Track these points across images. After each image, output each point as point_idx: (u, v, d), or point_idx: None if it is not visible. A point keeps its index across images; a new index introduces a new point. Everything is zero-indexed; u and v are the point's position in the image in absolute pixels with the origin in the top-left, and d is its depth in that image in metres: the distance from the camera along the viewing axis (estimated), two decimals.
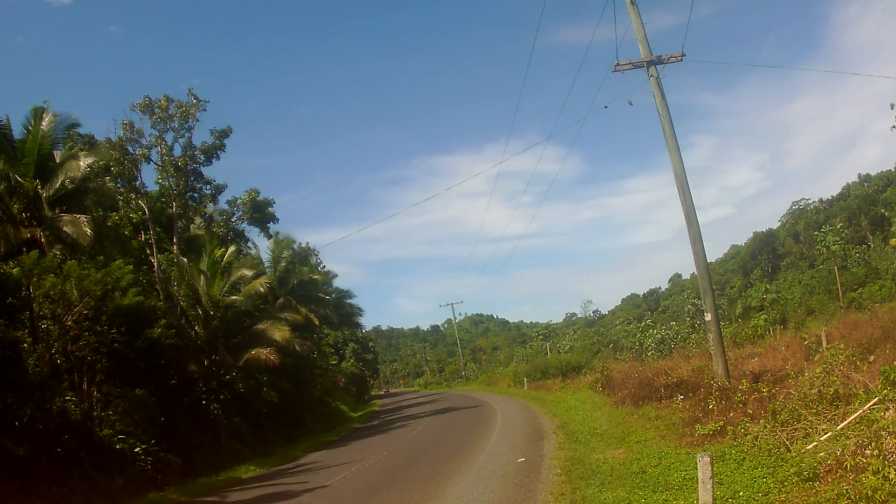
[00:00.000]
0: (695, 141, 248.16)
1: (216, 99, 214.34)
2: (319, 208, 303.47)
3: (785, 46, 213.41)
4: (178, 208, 32.25)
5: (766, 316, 39.20)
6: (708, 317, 17.28)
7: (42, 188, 20.78)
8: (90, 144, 29.99)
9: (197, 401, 25.05)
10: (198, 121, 31.91)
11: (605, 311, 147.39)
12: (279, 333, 27.83)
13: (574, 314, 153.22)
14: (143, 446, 18.53)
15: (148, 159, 31.07)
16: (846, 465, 7.58)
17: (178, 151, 32.55)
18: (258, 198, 38.83)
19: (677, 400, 17.18)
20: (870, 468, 7.04)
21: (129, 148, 29.91)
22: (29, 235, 20.08)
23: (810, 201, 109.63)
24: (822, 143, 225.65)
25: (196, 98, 31.64)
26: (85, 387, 19.06)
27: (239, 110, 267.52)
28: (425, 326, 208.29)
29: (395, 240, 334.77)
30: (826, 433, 9.31)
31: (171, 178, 32.19)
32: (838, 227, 66.19)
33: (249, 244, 40.85)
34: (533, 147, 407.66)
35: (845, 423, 9.35)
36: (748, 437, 10.82)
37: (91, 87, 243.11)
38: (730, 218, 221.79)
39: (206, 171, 34.92)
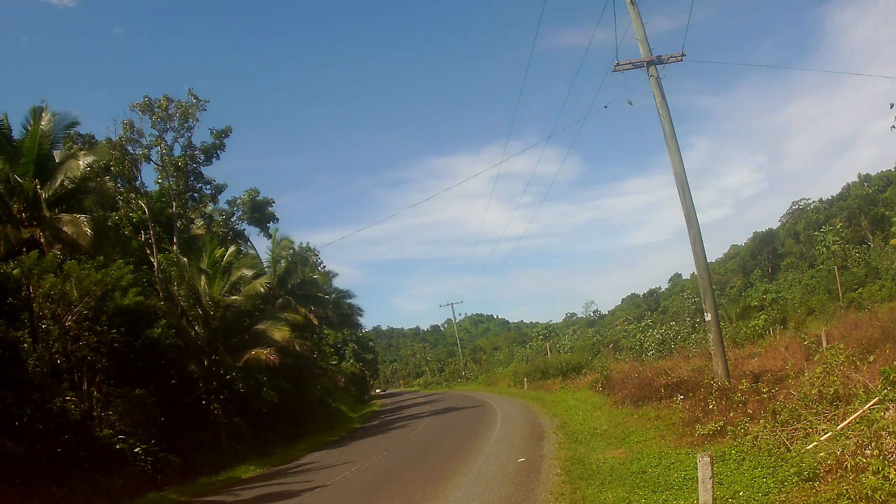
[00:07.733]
0: (692, 142, 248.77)
1: (216, 99, 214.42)
2: (319, 209, 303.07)
3: (781, 49, 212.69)
4: (178, 208, 32.22)
5: (766, 316, 39.04)
6: (708, 317, 17.28)
7: (41, 188, 20.77)
8: (90, 144, 29.96)
9: (197, 401, 25.06)
10: (198, 121, 31.91)
11: (605, 311, 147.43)
12: (279, 333, 27.82)
13: (574, 314, 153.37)
14: (143, 446, 18.53)
15: (148, 159, 31.06)
16: (846, 465, 7.58)
17: (177, 151, 32.58)
18: (258, 198, 38.85)
19: (677, 400, 17.17)
20: (870, 468, 7.04)
21: (129, 148, 29.88)
22: (29, 235, 20.08)
23: (810, 201, 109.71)
24: (818, 145, 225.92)
25: (196, 98, 31.63)
26: (85, 387, 19.06)
27: (239, 111, 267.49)
28: (425, 326, 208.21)
29: (395, 240, 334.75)
30: (826, 433, 9.30)
31: (171, 178, 32.18)
32: (838, 227, 66.10)
33: (249, 244, 40.90)
34: (532, 148, 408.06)
35: (845, 423, 9.35)
36: (748, 437, 10.82)
37: (93, 88, 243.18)
38: (728, 219, 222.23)
39: (206, 171, 34.98)
